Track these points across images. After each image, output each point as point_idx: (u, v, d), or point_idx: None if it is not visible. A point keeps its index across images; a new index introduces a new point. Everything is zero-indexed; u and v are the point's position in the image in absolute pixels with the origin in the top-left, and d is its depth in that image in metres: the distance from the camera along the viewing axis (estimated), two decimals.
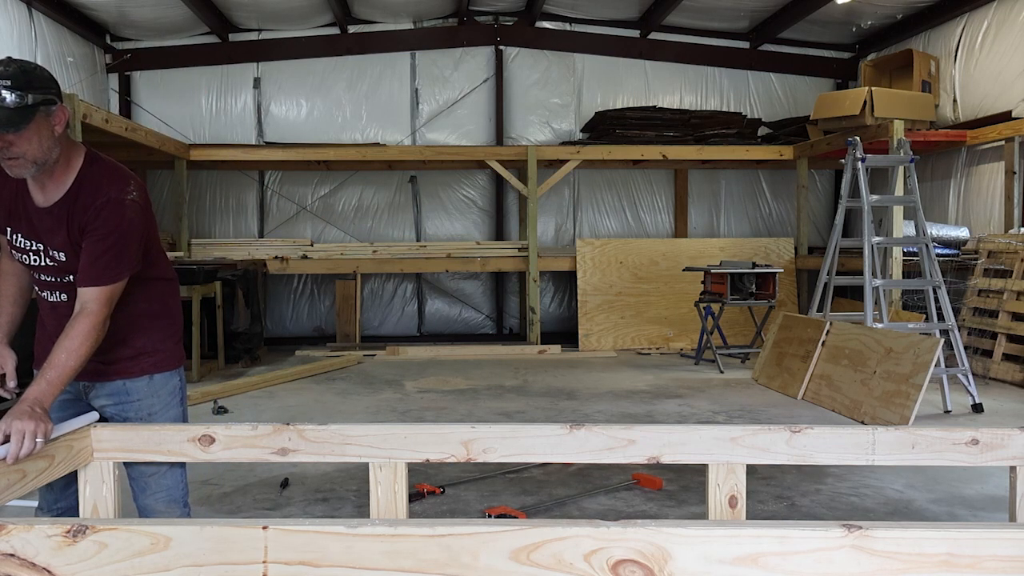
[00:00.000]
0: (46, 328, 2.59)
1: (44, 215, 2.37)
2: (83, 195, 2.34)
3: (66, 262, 2.39)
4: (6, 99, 2.12)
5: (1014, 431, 2.26)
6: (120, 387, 2.50)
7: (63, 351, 2.27)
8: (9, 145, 2.18)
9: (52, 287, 2.48)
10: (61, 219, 2.35)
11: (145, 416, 2.53)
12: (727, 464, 2.25)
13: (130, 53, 10.64)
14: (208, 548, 1.40)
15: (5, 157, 2.21)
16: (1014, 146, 8.36)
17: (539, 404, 6.58)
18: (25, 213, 2.39)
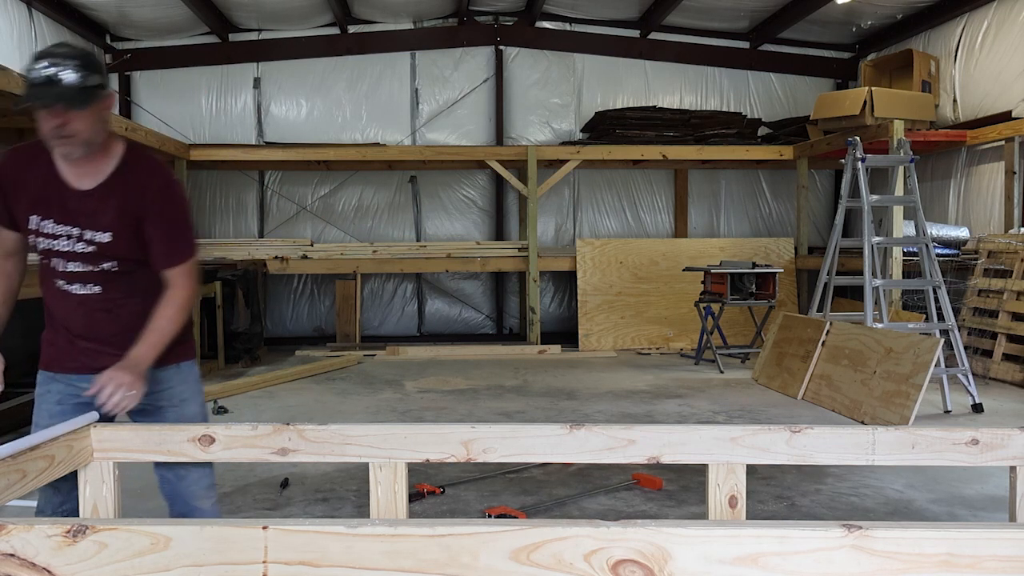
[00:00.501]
0: (68, 323, 2.52)
1: (86, 198, 2.39)
2: (135, 178, 2.41)
3: (109, 244, 2.39)
4: (73, 78, 2.21)
5: (1014, 431, 2.26)
6: (151, 376, 2.49)
7: (164, 319, 2.42)
8: (66, 124, 2.24)
9: (83, 278, 2.44)
10: (108, 201, 2.38)
11: (178, 403, 2.59)
12: (727, 464, 2.25)
13: (130, 53, 10.64)
14: (208, 548, 1.40)
15: (59, 135, 2.26)
16: (1014, 146, 8.37)
17: (539, 404, 6.58)
18: (59, 198, 2.39)
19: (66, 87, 2.21)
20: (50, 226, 2.40)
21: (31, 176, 2.40)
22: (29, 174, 2.40)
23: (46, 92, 2.22)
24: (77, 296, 2.47)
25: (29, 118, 2.20)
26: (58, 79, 2.21)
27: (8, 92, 5.93)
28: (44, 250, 2.44)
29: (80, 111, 2.24)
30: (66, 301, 2.49)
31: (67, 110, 2.23)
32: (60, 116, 2.23)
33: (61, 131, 2.25)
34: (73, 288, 2.46)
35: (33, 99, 2.24)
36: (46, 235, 2.41)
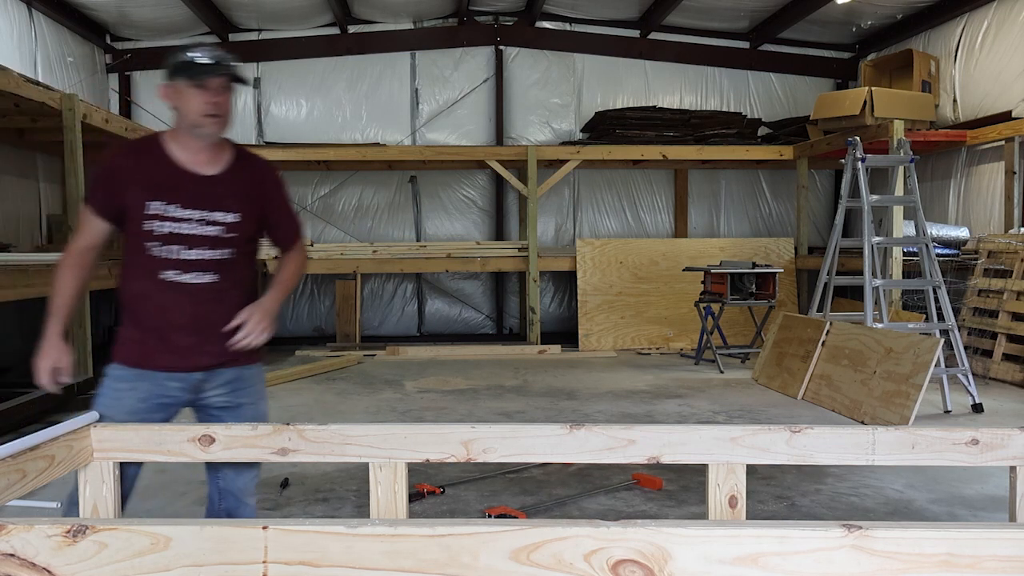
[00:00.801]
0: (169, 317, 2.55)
1: (213, 183, 2.57)
2: (252, 166, 2.68)
3: (237, 224, 2.57)
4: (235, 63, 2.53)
5: (1014, 431, 2.26)
6: (235, 375, 2.67)
7: (289, 274, 2.75)
8: (223, 103, 2.51)
9: (199, 266, 2.53)
10: (234, 185, 2.60)
11: (256, 400, 2.75)
12: (727, 464, 2.25)
13: (130, 53, 10.64)
14: (208, 548, 1.40)
15: (212, 113, 2.49)
16: (1014, 146, 8.37)
17: (539, 404, 6.58)
18: (183, 183, 2.54)
19: (234, 68, 2.51)
20: (176, 210, 2.51)
21: (146, 166, 2.54)
22: (144, 164, 2.54)
23: (220, 69, 2.49)
24: (188, 286, 2.54)
25: (31, 119, 2.22)
26: (227, 61, 2.51)
27: (8, 92, 5.93)
28: (166, 235, 2.51)
29: (231, 95, 2.55)
30: (174, 292, 2.54)
31: (227, 91, 2.51)
32: (220, 95, 2.50)
33: (218, 108, 2.50)
34: (186, 278, 2.53)
35: (211, 72, 2.47)
36: (172, 219, 2.51)
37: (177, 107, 2.56)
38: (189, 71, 2.48)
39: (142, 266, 2.55)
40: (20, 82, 6.06)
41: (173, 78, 2.53)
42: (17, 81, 6.01)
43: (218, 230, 2.55)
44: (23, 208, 8.68)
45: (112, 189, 2.52)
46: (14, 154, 8.49)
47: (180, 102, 2.53)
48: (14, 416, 5.40)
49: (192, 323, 2.54)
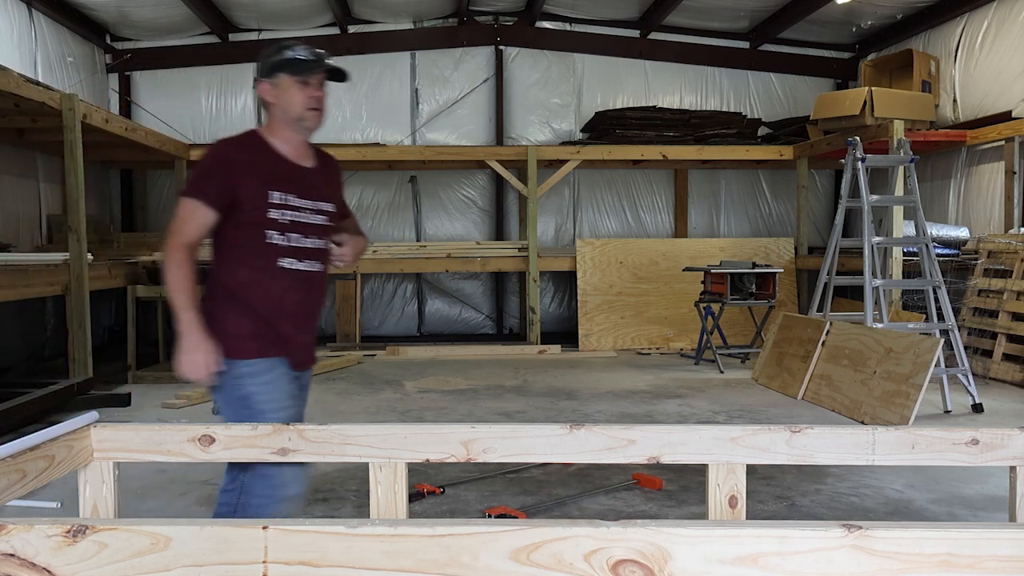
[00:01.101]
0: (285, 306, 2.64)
1: (312, 174, 2.74)
2: (328, 160, 2.87)
3: (333, 214, 2.76)
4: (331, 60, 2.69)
5: (1014, 431, 2.26)
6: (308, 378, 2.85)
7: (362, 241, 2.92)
8: (323, 98, 2.68)
9: (311, 255, 2.68)
10: (324, 177, 2.79)
11: (306, 397, 2.85)
12: (727, 464, 2.25)
13: (130, 53, 10.65)
14: (208, 548, 1.40)
15: (314, 107, 2.65)
16: (1014, 146, 8.37)
17: (539, 404, 6.58)
18: (295, 175, 2.68)
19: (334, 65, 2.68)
20: (295, 200, 2.64)
21: (258, 158, 2.64)
22: (256, 157, 2.64)
23: (325, 65, 2.65)
24: (304, 274, 2.66)
25: (31, 119, 2.21)
26: (326, 57, 2.67)
27: (8, 92, 5.93)
28: (288, 223, 2.62)
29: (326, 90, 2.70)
30: (293, 280, 2.64)
31: (324, 86, 2.67)
32: (320, 90, 2.65)
33: (319, 103, 2.66)
34: (303, 265, 2.66)
35: (317, 68, 2.63)
36: (293, 208, 2.63)
37: (277, 103, 2.66)
38: (295, 67, 2.62)
39: (257, 254, 2.61)
40: (20, 82, 6.06)
41: (273, 75, 2.64)
42: (17, 81, 6.01)
43: (323, 219, 2.71)
44: (23, 208, 8.68)
45: (227, 180, 2.58)
46: (14, 154, 8.49)
47: (282, 98, 2.64)
48: (14, 416, 5.40)
49: (301, 310, 2.67)
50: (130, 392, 6.66)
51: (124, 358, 7.76)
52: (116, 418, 5.91)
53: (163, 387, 7.27)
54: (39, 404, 5.74)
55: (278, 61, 2.63)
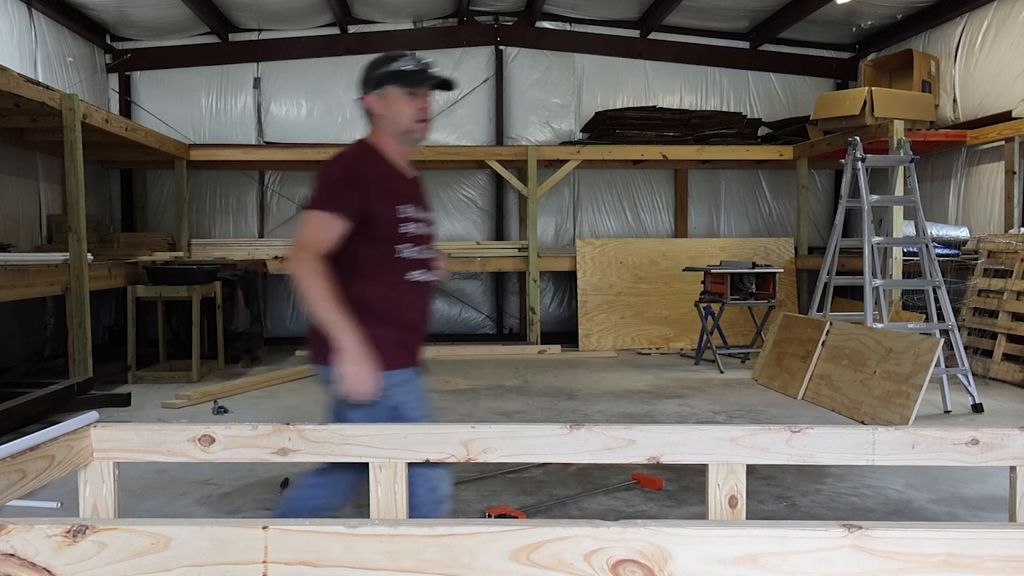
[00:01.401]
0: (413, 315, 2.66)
1: (416, 184, 2.78)
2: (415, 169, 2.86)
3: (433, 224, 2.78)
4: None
5: (1014, 431, 2.26)
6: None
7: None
8: (429, 110, 2.68)
9: (429, 265, 2.69)
10: (421, 186, 2.83)
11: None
12: (727, 464, 2.25)
13: (130, 53, 10.64)
14: (208, 548, 1.40)
15: (422, 119, 2.65)
16: (1014, 146, 8.37)
17: (539, 404, 6.58)
18: (409, 187, 2.73)
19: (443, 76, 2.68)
20: (414, 212, 2.65)
21: (383, 171, 2.65)
22: (379, 169, 2.65)
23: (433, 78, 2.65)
24: (425, 285, 2.69)
25: (31, 119, 2.16)
26: (433, 68, 2.67)
27: (8, 92, 5.93)
28: (414, 236, 2.62)
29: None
30: (417, 291, 2.66)
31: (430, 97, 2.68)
32: (428, 101, 2.66)
33: (427, 114, 2.66)
34: (425, 276, 2.67)
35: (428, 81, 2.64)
36: (416, 220, 2.65)
37: (385, 115, 2.65)
38: (404, 79, 2.61)
39: (388, 268, 2.59)
40: (20, 82, 6.06)
41: (381, 86, 2.63)
42: (17, 81, 6.01)
43: (431, 229, 2.74)
44: (23, 208, 8.68)
45: (360, 192, 2.56)
46: (14, 154, 8.49)
47: (391, 110, 2.64)
48: (14, 416, 5.40)
49: (424, 319, 2.70)
50: (130, 392, 6.67)
51: (124, 358, 7.76)
52: (116, 418, 5.91)
53: (163, 387, 7.27)
54: (39, 404, 5.74)
55: (387, 73, 2.62)
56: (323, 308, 2.47)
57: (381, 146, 2.68)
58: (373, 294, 2.58)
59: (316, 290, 2.47)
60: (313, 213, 2.57)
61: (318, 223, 2.54)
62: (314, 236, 2.53)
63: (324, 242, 2.52)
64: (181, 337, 8.54)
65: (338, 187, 2.59)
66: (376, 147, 2.68)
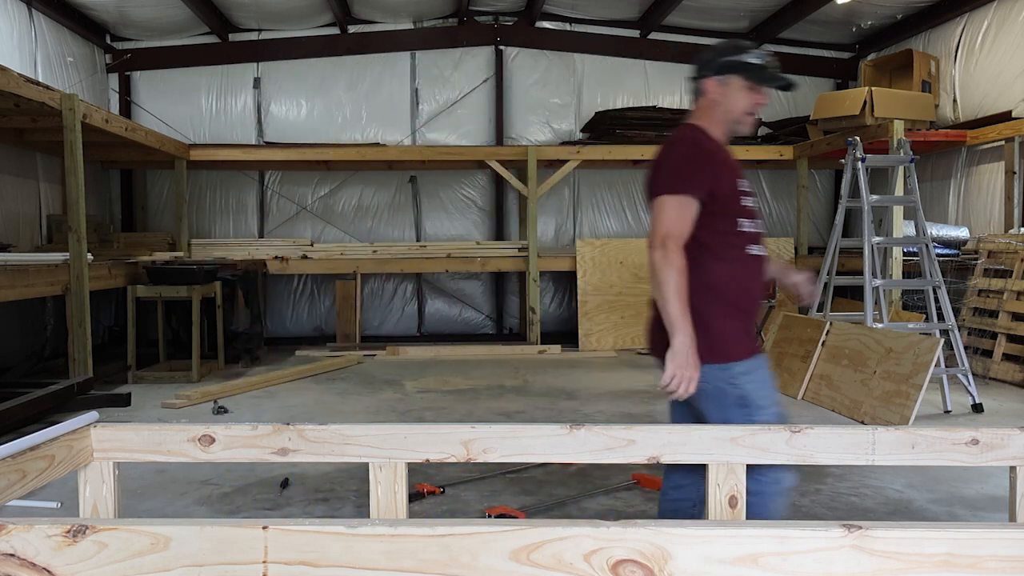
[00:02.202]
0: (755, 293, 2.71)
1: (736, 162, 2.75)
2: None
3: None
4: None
5: (1014, 431, 2.26)
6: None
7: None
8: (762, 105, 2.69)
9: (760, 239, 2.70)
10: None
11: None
12: (727, 464, 2.25)
13: (130, 53, 10.64)
14: (208, 548, 1.40)
15: (753, 112, 2.67)
16: (1014, 146, 8.37)
17: (539, 404, 6.58)
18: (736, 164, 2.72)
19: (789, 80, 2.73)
20: (747, 186, 2.69)
21: (720, 149, 2.67)
22: (717, 148, 2.66)
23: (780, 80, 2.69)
24: (762, 258, 2.70)
25: (31, 119, 2.11)
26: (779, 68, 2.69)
27: (8, 92, 5.93)
28: (752, 209, 2.67)
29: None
30: (758, 266, 2.69)
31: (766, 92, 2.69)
32: (764, 96, 2.67)
33: (759, 109, 2.69)
34: (759, 249, 2.68)
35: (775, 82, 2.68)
36: (750, 194, 2.68)
37: (721, 101, 2.66)
38: (752, 73, 2.62)
39: (731, 244, 2.61)
40: (20, 82, 6.06)
41: (723, 74, 2.64)
42: (17, 81, 6.01)
43: (755, 203, 2.73)
44: (23, 208, 8.68)
45: (710, 172, 2.57)
46: (14, 154, 8.49)
47: (728, 98, 2.65)
48: (14, 416, 5.40)
49: (760, 296, 2.72)
50: (130, 392, 6.66)
51: (124, 358, 7.76)
52: (116, 418, 5.91)
53: (163, 387, 7.27)
54: (39, 404, 5.74)
55: (734, 62, 2.62)
56: (672, 304, 2.47)
57: (709, 129, 2.68)
58: (718, 272, 2.58)
59: (672, 285, 2.47)
60: (667, 198, 2.55)
61: (675, 207, 2.53)
62: (674, 222, 2.52)
63: (684, 226, 2.53)
64: (181, 337, 8.54)
65: (686, 168, 2.58)
66: (705, 129, 2.68)
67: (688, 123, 2.72)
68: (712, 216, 2.56)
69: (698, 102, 2.72)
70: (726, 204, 2.58)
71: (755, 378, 2.60)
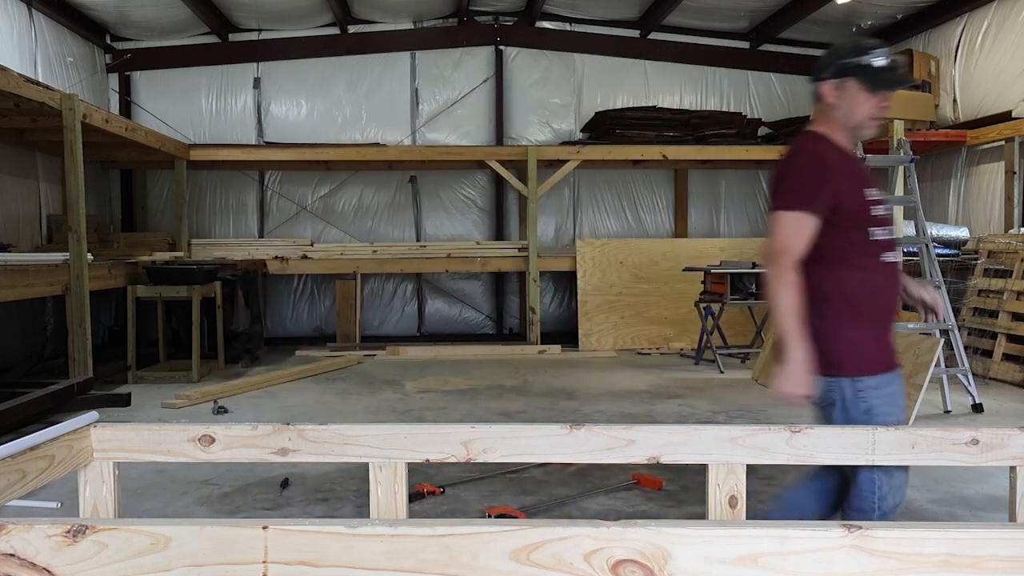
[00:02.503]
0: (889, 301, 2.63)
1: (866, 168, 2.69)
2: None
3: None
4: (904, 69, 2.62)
5: (1014, 431, 2.26)
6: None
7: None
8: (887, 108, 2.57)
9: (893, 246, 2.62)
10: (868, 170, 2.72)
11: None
12: (727, 464, 2.25)
13: (130, 53, 10.64)
14: (208, 548, 1.40)
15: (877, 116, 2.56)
16: (1014, 146, 8.37)
17: (539, 404, 6.58)
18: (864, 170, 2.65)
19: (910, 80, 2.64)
20: (876, 194, 2.59)
21: (842, 157, 2.57)
22: (840, 156, 2.56)
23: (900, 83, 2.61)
24: (895, 265, 2.62)
25: (31, 119, 2.08)
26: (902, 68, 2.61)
27: (8, 92, 5.93)
28: (882, 218, 2.57)
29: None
30: (891, 274, 2.61)
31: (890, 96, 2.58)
32: (889, 99, 2.55)
33: (884, 112, 2.56)
34: (893, 257, 2.60)
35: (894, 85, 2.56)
36: (878, 202, 2.58)
37: (839, 106, 2.55)
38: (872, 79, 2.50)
39: (862, 253, 2.54)
40: (20, 82, 6.06)
41: (841, 77, 2.53)
42: (17, 81, 6.01)
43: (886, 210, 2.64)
44: (23, 208, 8.68)
45: (830, 186, 2.49)
46: (14, 154, 8.49)
47: (845, 103, 2.54)
48: (14, 416, 5.40)
49: (894, 304, 2.64)
50: (130, 392, 6.67)
51: (124, 358, 7.76)
52: (116, 418, 5.91)
53: (163, 387, 7.27)
54: (39, 404, 5.74)
55: (851, 65, 2.51)
56: (787, 320, 2.46)
57: (831, 135, 2.59)
58: (851, 283, 2.52)
59: (786, 302, 2.45)
60: (783, 214, 2.50)
61: (791, 225, 2.48)
62: (789, 240, 2.48)
63: (799, 245, 2.48)
64: (181, 337, 8.54)
65: (805, 183, 2.51)
66: (828, 137, 2.58)
67: (810, 130, 2.64)
68: (839, 228, 2.51)
69: (817, 107, 2.63)
70: (853, 216, 2.51)
71: (883, 393, 2.55)
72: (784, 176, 2.57)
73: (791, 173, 2.55)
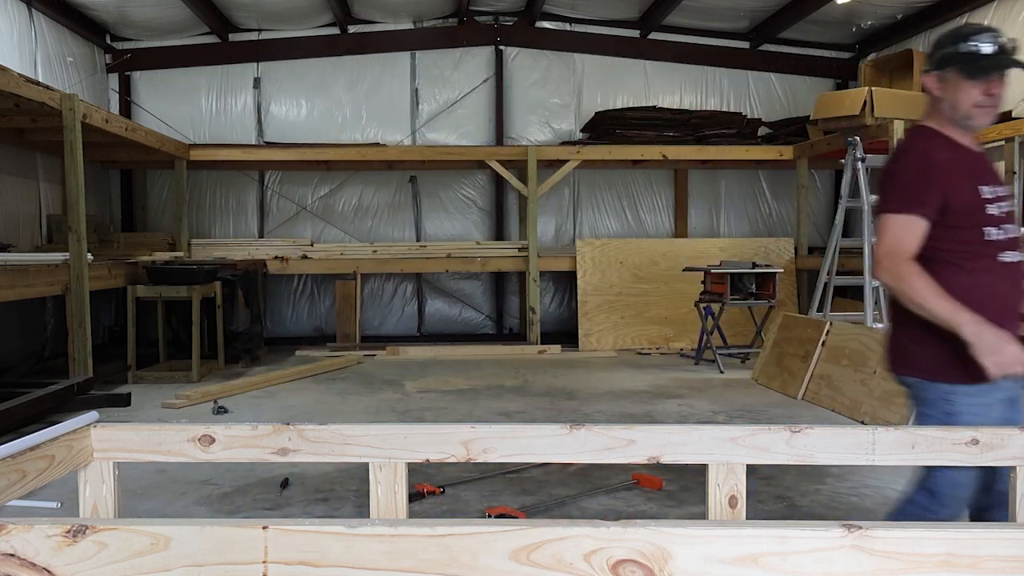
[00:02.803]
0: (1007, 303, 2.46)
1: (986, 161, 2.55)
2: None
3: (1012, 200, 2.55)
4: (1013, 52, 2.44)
5: (1014, 431, 2.26)
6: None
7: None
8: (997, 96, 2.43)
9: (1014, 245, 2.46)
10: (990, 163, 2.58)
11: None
12: (727, 464, 2.25)
13: (130, 53, 10.65)
14: (208, 548, 1.40)
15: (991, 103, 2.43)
16: (1014, 146, 8.37)
17: (539, 404, 6.58)
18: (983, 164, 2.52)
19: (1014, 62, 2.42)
20: (994, 191, 2.45)
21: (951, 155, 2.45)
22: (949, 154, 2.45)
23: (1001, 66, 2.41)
24: (1016, 265, 2.45)
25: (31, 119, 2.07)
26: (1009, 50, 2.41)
27: (8, 92, 5.93)
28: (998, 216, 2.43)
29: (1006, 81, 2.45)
30: (1010, 273, 2.45)
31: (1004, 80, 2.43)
32: (998, 86, 2.41)
33: (994, 100, 2.42)
34: (1012, 256, 2.44)
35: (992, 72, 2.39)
36: (997, 199, 2.45)
37: (943, 98, 2.47)
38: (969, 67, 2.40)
39: (975, 255, 2.42)
40: (20, 82, 6.06)
41: (942, 68, 2.45)
42: (17, 81, 6.01)
43: (1011, 205, 2.51)
44: (23, 208, 8.68)
45: (941, 186, 2.40)
46: (14, 154, 8.49)
47: (949, 94, 2.45)
48: (14, 416, 5.40)
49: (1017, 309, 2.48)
50: (130, 392, 6.67)
51: (124, 358, 7.76)
52: (116, 418, 5.91)
53: (163, 387, 7.27)
54: (39, 404, 5.74)
55: (950, 55, 2.43)
56: (937, 304, 2.34)
57: (942, 129, 2.49)
58: (965, 285, 2.40)
59: (921, 289, 2.34)
60: (891, 217, 2.42)
61: (900, 228, 2.41)
62: (897, 242, 2.40)
63: (909, 247, 2.39)
64: (181, 337, 8.54)
65: (913, 184, 2.42)
66: (939, 132, 2.49)
67: (919, 125, 2.56)
68: (949, 228, 2.41)
69: (928, 101, 2.53)
70: (966, 217, 2.41)
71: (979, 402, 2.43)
72: (891, 177, 2.48)
73: (898, 173, 2.46)
